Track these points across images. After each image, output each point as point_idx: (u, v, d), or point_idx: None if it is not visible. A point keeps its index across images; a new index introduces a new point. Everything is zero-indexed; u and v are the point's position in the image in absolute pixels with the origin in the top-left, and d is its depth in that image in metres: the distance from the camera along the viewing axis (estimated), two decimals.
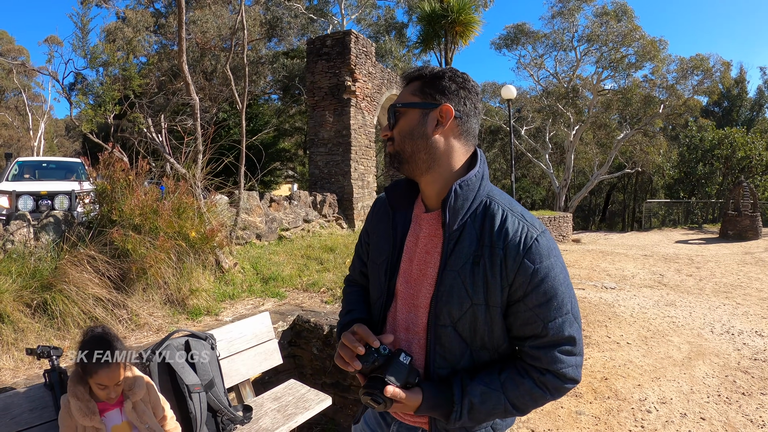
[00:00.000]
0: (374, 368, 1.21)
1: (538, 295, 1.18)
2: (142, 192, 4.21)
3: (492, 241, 1.20)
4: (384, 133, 1.34)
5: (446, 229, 1.24)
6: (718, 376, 4.51)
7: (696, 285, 8.50)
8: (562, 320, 1.20)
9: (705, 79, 27.24)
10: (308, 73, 12.42)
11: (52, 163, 11.42)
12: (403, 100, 1.30)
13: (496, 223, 1.22)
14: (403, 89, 1.34)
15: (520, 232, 1.20)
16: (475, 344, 1.26)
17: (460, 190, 1.24)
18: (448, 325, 1.24)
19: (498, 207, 1.25)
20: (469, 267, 1.21)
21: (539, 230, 1.22)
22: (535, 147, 31.83)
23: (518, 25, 29.62)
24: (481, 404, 1.19)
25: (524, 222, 1.22)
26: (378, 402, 1.16)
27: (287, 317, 3.69)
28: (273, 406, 2.83)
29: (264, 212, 7.20)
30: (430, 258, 1.30)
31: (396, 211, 1.39)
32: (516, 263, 1.17)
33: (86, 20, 6.41)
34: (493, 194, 1.29)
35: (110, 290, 3.69)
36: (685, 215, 24.09)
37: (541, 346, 1.21)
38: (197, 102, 4.90)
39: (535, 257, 1.18)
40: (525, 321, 1.21)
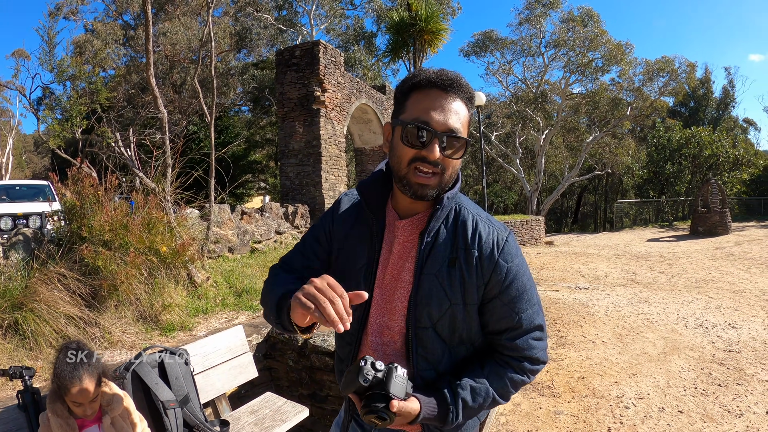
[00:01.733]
0: (373, 386, 1.18)
1: (511, 292, 1.27)
2: (112, 207, 4.14)
3: (466, 245, 1.27)
4: (437, 156, 1.20)
5: (425, 235, 1.27)
6: (694, 369, 4.59)
7: (668, 281, 8.66)
8: (532, 311, 1.31)
9: (671, 80, 27.86)
10: (277, 84, 12.41)
11: (24, 186, 12.12)
12: (465, 133, 1.25)
13: (468, 227, 1.29)
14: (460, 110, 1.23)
15: (492, 235, 1.28)
16: (453, 342, 1.31)
17: (448, 202, 1.28)
18: (428, 327, 1.28)
19: (468, 213, 1.32)
20: (446, 269, 1.26)
21: (506, 233, 1.32)
22: (506, 152, 32.14)
23: (486, 33, 29.97)
24: (472, 401, 1.25)
25: (492, 226, 1.31)
26: (384, 419, 1.15)
27: (261, 330, 3.66)
28: (250, 420, 2.80)
29: (236, 225, 7.13)
30: (404, 263, 1.32)
31: (377, 220, 1.37)
32: (491, 263, 1.26)
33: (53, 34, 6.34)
34: (461, 201, 1.35)
35: (82, 308, 3.62)
36: (656, 214, 24.59)
37: (516, 337, 1.29)
38: (165, 115, 4.86)
39: (507, 257, 1.27)
40: (501, 316, 1.29)
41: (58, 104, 11.31)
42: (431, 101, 1.21)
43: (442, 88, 1.21)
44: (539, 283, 8.81)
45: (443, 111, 1.20)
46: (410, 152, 1.22)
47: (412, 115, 1.22)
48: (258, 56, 25.43)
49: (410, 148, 1.21)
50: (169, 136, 4.95)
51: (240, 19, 24.74)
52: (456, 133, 1.20)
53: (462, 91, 1.23)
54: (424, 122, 1.19)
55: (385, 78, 30.44)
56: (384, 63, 27.46)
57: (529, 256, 12.33)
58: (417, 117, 1.20)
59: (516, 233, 14.65)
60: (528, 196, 29.95)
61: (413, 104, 1.23)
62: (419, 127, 1.19)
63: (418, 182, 1.22)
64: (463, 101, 1.23)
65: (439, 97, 1.21)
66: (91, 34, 24.65)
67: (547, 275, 9.62)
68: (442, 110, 1.20)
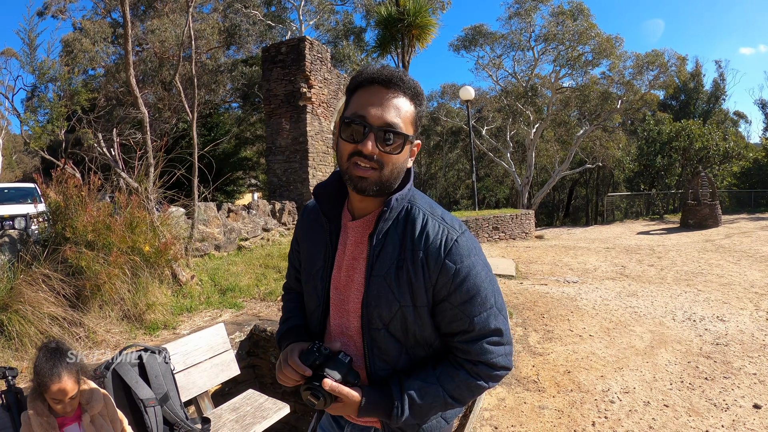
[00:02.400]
0: (314, 366, 1.23)
1: (461, 294, 1.24)
2: (95, 208, 4.13)
3: (413, 245, 1.25)
4: (370, 150, 1.20)
5: (373, 238, 1.27)
6: (681, 362, 4.61)
7: (657, 275, 8.70)
8: (487, 314, 1.26)
9: (661, 73, 27.87)
10: (264, 80, 12.39)
11: (12, 189, 12.68)
12: (407, 131, 1.23)
13: (417, 227, 1.26)
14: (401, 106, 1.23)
15: (440, 235, 1.25)
16: (408, 343, 1.30)
17: (396, 203, 1.27)
18: (381, 328, 1.28)
19: (419, 211, 1.29)
20: (394, 271, 1.25)
21: (459, 231, 1.28)
22: (497, 146, 32.16)
23: (476, 27, 29.91)
24: (420, 399, 1.23)
25: (444, 225, 1.27)
26: (317, 397, 1.18)
27: (244, 327, 3.67)
28: (231, 417, 2.82)
29: (222, 223, 7.12)
30: (356, 264, 1.33)
31: (331, 222, 1.40)
32: (438, 265, 1.22)
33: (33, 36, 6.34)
34: (415, 199, 1.33)
35: (66, 309, 3.63)
36: (647, 207, 24.72)
37: (469, 340, 1.26)
38: (146, 115, 4.86)
39: (455, 258, 1.23)
40: (452, 318, 1.26)
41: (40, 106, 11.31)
42: (370, 96, 1.22)
43: (383, 84, 1.22)
44: (527, 277, 8.85)
45: (381, 106, 1.21)
46: (349, 147, 1.23)
47: (352, 111, 1.23)
48: (247, 53, 25.29)
49: (349, 143, 1.22)
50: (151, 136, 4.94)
51: (229, 16, 24.59)
52: (394, 127, 1.20)
53: (405, 87, 1.23)
54: (361, 116, 1.20)
55: None
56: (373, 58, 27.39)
57: (519, 250, 12.37)
58: (355, 112, 1.22)
59: (505, 227, 14.66)
60: (519, 190, 30.00)
61: (355, 101, 1.25)
62: (355, 122, 1.20)
63: (357, 175, 1.22)
64: (406, 97, 1.24)
65: (379, 92, 1.22)
66: (79, 32, 24.45)
67: (536, 269, 9.65)
68: (380, 105, 1.21)
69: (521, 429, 3.59)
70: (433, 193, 47.08)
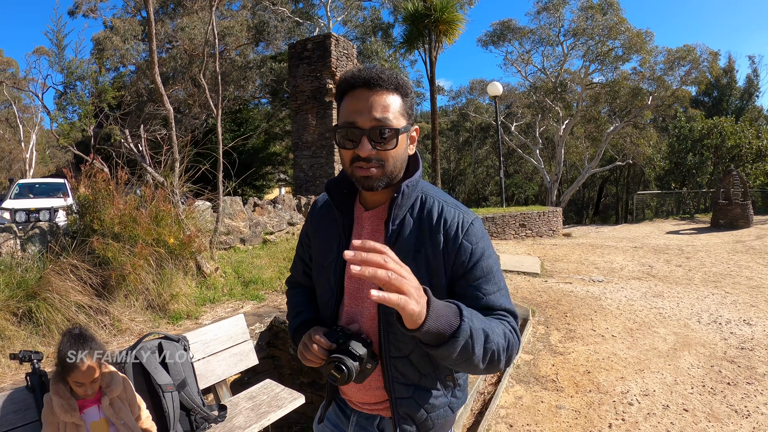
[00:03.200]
0: (338, 344, 1.27)
1: (476, 272, 1.29)
2: (122, 201, 4.25)
3: (432, 229, 1.30)
4: (368, 152, 1.23)
5: (389, 224, 1.31)
6: (704, 366, 4.52)
7: (685, 275, 8.54)
8: (500, 294, 1.32)
9: (692, 69, 27.26)
10: (290, 77, 12.52)
11: (43, 184, 13.98)
12: (398, 124, 1.26)
13: (434, 213, 1.32)
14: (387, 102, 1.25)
15: (457, 219, 1.31)
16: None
17: (407, 189, 1.32)
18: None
19: (433, 200, 1.35)
20: (412, 255, 1.30)
21: (473, 216, 1.35)
22: (526, 143, 31.88)
23: (504, 22, 29.68)
24: (480, 322, 1.14)
25: (459, 210, 1.34)
26: (341, 370, 1.18)
27: (265, 319, 3.74)
28: (247, 405, 2.88)
29: (248, 217, 7.22)
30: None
31: (344, 215, 1.44)
32: (456, 245, 1.29)
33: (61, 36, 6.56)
34: (427, 189, 1.39)
35: (92, 297, 3.75)
36: (677, 206, 24.16)
37: (488, 309, 1.28)
38: (171, 112, 4.98)
39: (472, 238, 1.30)
40: (468, 296, 1.29)
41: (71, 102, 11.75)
42: (356, 101, 1.26)
43: (365, 86, 1.25)
44: (552, 275, 8.78)
45: (367, 107, 1.24)
46: (348, 153, 1.28)
47: (342, 119, 1.27)
48: (276, 49, 25.46)
49: (347, 150, 1.27)
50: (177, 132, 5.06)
51: (257, 13, 24.81)
52: (383, 124, 1.23)
53: (386, 82, 1.25)
54: (351, 123, 1.24)
55: (403, 69, 30.33)
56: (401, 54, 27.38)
57: (545, 247, 12.26)
58: (345, 119, 1.26)
59: (532, 225, 14.54)
60: (548, 188, 29.71)
61: (344, 108, 1.29)
62: (347, 129, 1.25)
63: (362, 176, 1.27)
64: (390, 92, 1.26)
65: (363, 94, 1.25)
66: (110, 30, 24.98)
67: (562, 267, 9.55)
68: (367, 107, 1.24)
69: (536, 428, 3.57)
70: (462, 189, 46.88)
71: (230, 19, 23.98)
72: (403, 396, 1.36)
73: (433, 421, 1.39)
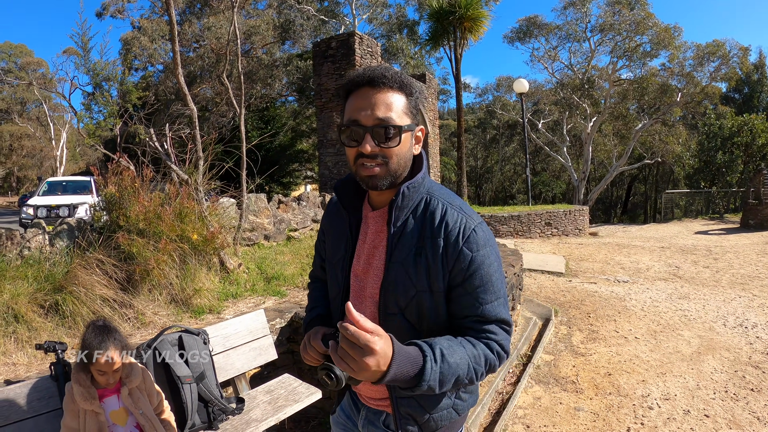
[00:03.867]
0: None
1: (474, 281, 1.28)
2: (146, 198, 4.35)
3: (433, 233, 1.29)
4: (370, 150, 1.25)
5: (390, 225, 1.33)
6: (727, 371, 4.45)
7: (712, 277, 8.39)
8: (497, 304, 1.30)
9: (722, 65, 26.64)
10: (315, 75, 12.59)
11: (70, 181, 14.52)
12: (401, 122, 1.27)
13: (436, 216, 1.31)
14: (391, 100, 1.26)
15: (459, 223, 1.29)
16: (423, 328, 1.33)
17: (408, 191, 1.33)
18: (397, 313, 1.32)
19: (438, 202, 1.34)
20: (412, 258, 1.30)
21: (476, 221, 1.32)
22: (554, 140, 31.57)
23: (530, 18, 29.44)
24: (450, 356, 1.18)
25: (463, 214, 1.32)
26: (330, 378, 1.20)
27: (285, 314, 3.78)
28: (265, 399, 2.93)
29: (272, 213, 7.30)
30: (376, 252, 1.39)
31: (351, 214, 1.47)
32: (456, 251, 1.27)
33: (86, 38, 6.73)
34: (433, 190, 1.38)
35: (117, 291, 3.83)
36: (706, 205, 23.60)
37: (481, 322, 1.29)
38: (194, 111, 5.08)
39: (472, 246, 1.28)
40: (465, 304, 1.30)
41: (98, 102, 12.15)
42: (360, 99, 1.27)
43: (371, 85, 1.26)
44: (577, 275, 8.71)
45: (371, 105, 1.25)
46: (352, 151, 1.29)
47: (346, 117, 1.28)
48: (302, 47, 25.61)
49: (351, 148, 1.29)
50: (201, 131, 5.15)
51: (283, 12, 24.98)
52: (386, 122, 1.24)
53: (390, 80, 1.27)
54: (354, 121, 1.25)
55: (429, 66, 30.28)
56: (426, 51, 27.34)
57: (571, 246, 12.15)
58: (349, 117, 1.27)
59: (558, 223, 14.40)
60: (575, 186, 29.38)
61: (348, 107, 1.30)
62: (350, 126, 1.26)
63: (366, 175, 1.28)
64: (394, 90, 1.27)
65: (367, 93, 1.26)
66: (138, 31, 25.44)
67: (587, 267, 9.47)
68: (370, 105, 1.25)
69: (554, 430, 3.56)
70: (489, 187, 46.64)
71: (256, 18, 24.22)
72: (405, 395, 1.35)
73: (436, 422, 1.39)
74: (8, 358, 3.14)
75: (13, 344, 3.24)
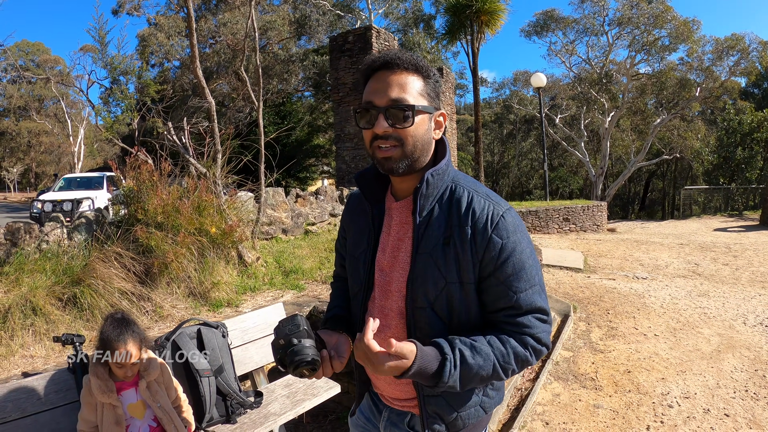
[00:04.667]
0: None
1: (507, 269, 1.23)
2: (165, 192, 4.37)
3: (460, 221, 1.25)
4: (384, 129, 1.23)
5: (416, 215, 1.28)
6: (748, 370, 4.37)
7: (732, 274, 8.25)
8: (532, 291, 1.25)
9: (741, 59, 26.25)
10: (332, 69, 12.60)
11: (84, 177, 15.46)
12: (417, 101, 1.25)
13: (463, 204, 1.27)
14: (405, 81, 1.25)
15: (487, 210, 1.25)
16: (452, 323, 1.29)
17: (432, 179, 1.29)
18: (426, 307, 1.27)
19: (463, 190, 1.30)
20: (440, 248, 1.25)
21: (504, 208, 1.27)
22: (571, 135, 31.32)
23: (547, 12, 29.25)
24: (472, 357, 1.18)
25: (490, 201, 1.28)
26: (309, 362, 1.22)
27: (304, 308, 3.79)
28: (283, 393, 2.93)
29: (290, 208, 7.32)
30: (401, 245, 1.35)
31: (373, 206, 1.44)
32: (485, 239, 1.23)
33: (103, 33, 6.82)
34: (458, 179, 1.34)
35: (135, 284, 3.87)
36: (725, 202, 23.22)
37: (515, 315, 1.25)
38: (212, 104, 5.10)
39: (502, 233, 1.23)
40: (498, 295, 1.25)
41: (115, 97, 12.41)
42: (376, 82, 1.26)
43: (385, 67, 1.26)
44: (595, 271, 8.61)
45: (385, 86, 1.24)
46: (368, 134, 1.27)
47: (363, 100, 1.27)
48: (318, 42, 25.60)
49: (367, 130, 1.27)
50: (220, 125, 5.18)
51: (299, 6, 25.01)
52: (399, 102, 1.22)
53: (406, 62, 1.25)
54: (369, 102, 1.25)
55: (445, 60, 30.17)
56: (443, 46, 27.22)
57: (589, 242, 12.03)
58: (365, 100, 1.27)
59: (576, 219, 14.27)
60: (593, 181, 29.14)
61: (366, 90, 1.28)
62: (364, 108, 1.26)
63: (382, 157, 1.25)
64: (409, 72, 1.26)
65: (383, 76, 1.25)
66: (154, 27, 25.60)
67: (605, 263, 9.36)
68: (385, 86, 1.24)
69: (573, 427, 3.52)
70: (506, 182, 46.44)
71: (272, 13, 24.28)
72: (432, 394, 1.32)
73: (463, 420, 1.36)
74: (26, 351, 3.17)
75: (31, 337, 3.27)
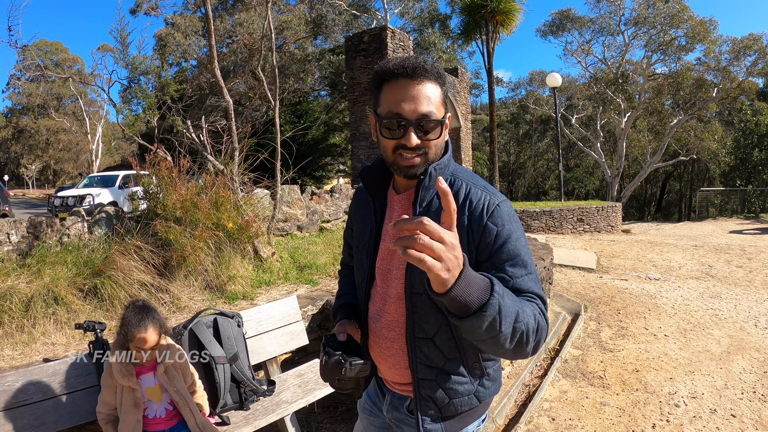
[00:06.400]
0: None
1: (502, 256, 1.26)
2: (183, 188, 4.49)
3: (457, 211, 1.28)
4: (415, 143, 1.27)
5: (417, 205, 1.35)
6: (757, 372, 4.38)
7: (745, 277, 8.21)
8: (528, 278, 1.26)
9: (759, 59, 25.92)
10: (347, 69, 12.71)
11: (104, 176, 16.82)
12: (441, 114, 1.30)
13: (460, 195, 1.33)
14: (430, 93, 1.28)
15: (483, 200, 1.30)
16: None
17: (435, 172, 1.35)
18: (423, 293, 1.31)
19: (462, 182, 1.36)
20: None
21: (500, 198, 1.33)
22: (587, 136, 31.15)
23: (563, 11, 29.11)
24: (511, 300, 1.10)
25: (486, 192, 1.34)
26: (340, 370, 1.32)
27: (317, 302, 3.87)
28: (295, 382, 3.03)
29: (305, 205, 7.42)
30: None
31: (376, 200, 1.51)
32: (480, 227, 1.28)
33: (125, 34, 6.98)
34: (457, 172, 1.40)
35: (154, 276, 3.97)
36: (742, 204, 22.92)
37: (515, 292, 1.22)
38: (230, 103, 5.21)
39: (497, 220, 1.28)
40: None
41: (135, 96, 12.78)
42: (400, 91, 1.28)
43: (409, 76, 1.28)
44: (608, 271, 8.63)
45: (413, 99, 1.26)
46: (391, 143, 1.31)
47: (386, 108, 1.29)
48: (334, 42, 25.70)
49: (390, 139, 1.31)
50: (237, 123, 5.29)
51: (315, 6, 25.14)
52: (429, 116, 1.27)
53: (429, 73, 1.28)
54: (397, 114, 1.27)
55: (461, 60, 30.16)
56: (459, 45, 27.21)
57: (602, 243, 12.01)
58: (390, 110, 1.28)
59: (590, 219, 14.22)
60: (609, 182, 28.94)
61: (385, 97, 1.31)
62: (392, 119, 1.28)
63: (405, 165, 1.31)
64: (432, 82, 1.29)
65: (408, 85, 1.28)
66: (171, 27, 25.86)
67: (618, 264, 9.36)
68: (412, 98, 1.26)
69: (579, 423, 3.57)
70: (522, 183, 46.23)
71: (288, 13, 24.41)
72: (427, 378, 1.37)
73: (456, 407, 1.39)
74: (47, 338, 3.28)
75: (53, 325, 3.38)
